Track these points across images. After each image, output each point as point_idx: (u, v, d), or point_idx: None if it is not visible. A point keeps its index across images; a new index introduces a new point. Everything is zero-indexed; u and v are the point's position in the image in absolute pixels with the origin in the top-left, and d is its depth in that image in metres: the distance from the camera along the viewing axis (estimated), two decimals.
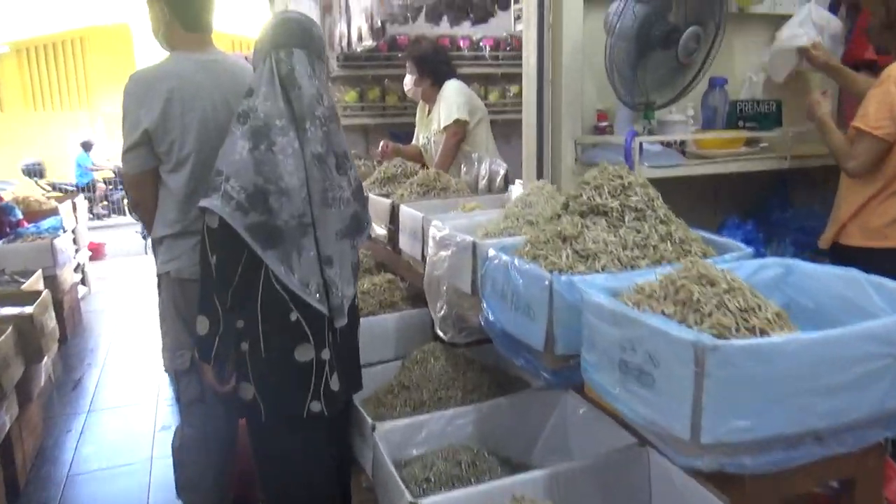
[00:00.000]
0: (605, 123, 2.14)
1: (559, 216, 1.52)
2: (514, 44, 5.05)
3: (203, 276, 1.56)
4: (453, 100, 3.23)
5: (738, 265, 1.34)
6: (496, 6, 3.69)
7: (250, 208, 1.49)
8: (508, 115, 5.00)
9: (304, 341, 1.57)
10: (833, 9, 2.33)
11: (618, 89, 1.86)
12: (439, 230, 1.85)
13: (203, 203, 1.49)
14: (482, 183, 2.65)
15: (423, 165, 3.22)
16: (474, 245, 1.67)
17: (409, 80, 3.43)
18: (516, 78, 5.17)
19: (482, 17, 3.95)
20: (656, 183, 1.50)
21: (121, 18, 12.73)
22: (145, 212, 1.92)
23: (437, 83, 3.35)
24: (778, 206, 2.22)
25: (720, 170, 1.99)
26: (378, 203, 2.58)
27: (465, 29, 4.90)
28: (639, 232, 1.42)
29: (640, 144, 1.84)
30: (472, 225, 1.95)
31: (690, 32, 1.80)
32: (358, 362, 1.80)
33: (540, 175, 2.09)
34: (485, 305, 1.58)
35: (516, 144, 4.48)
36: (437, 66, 3.37)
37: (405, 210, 2.32)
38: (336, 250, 1.61)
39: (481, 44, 4.97)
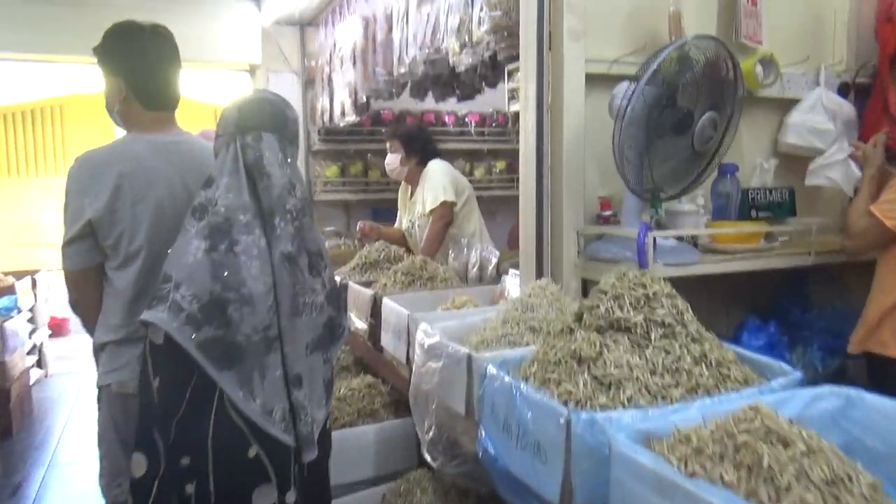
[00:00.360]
0: (608, 212, 1.95)
1: (571, 330, 1.29)
2: (500, 120, 4.98)
3: (143, 402, 1.29)
4: (438, 180, 3.05)
5: (790, 396, 1.12)
6: (483, 83, 3.58)
7: (204, 321, 1.24)
8: (494, 191, 4.87)
9: (264, 481, 1.30)
10: (842, 93, 2.21)
11: (627, 177, 1.68)
12: (428, 336, 1.61)
13: (145, 317, 1.24)
14: (472, 271, 2.44)
15: (407, 250, 3.00)
16: (469, 358, 1.43)
17: (393, 160, 3.25)
18: (502, 154, 5.09)
19: (468, 94, 3.83)
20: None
21: (102, 86, 12.77)
22: (87, 313, 1.66)
23: (423, 162, 3.20)
24: (798, 305, 2.02)
25: (741, 267, 1.79)
26: (359, 293, 2.35)
27: (451, 104, 4.82)
28: (668, 353, 1.20)
29: (654, 239, 1.64)
30: (464, 327, 1.71)
31: (707, 119, 1.64)
32: (329, 499, 1.51)
33: (540, 271, 1.87)
34: (483, 434, 1.33)
35: (502, 221, 4.35)
36: (424, 144, 3.23)
37: (388, 304, 2.08)
38: (306, 367, 1.36)
39: (467, 119, 4.89)
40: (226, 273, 1.27)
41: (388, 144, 3.31)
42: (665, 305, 1.24)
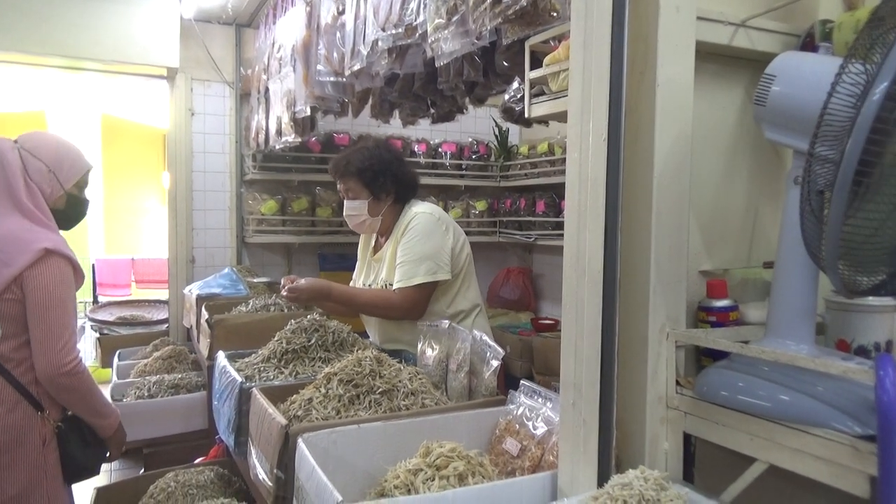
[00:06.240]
0: (724, 304, 1.05)
1: None
2: (481, 150, 4.11)
3: None
4: (423, 245, 2.02)
5: None
6: (468, 100, 2.71)
7: None
8: (472, 236, 3.94)
9: None
10: None
11: (816, 248, 0.78)
12: None
13: None
14: (458, 379, 1.49)
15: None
16: None
17: (356, 210, 2.15)
18: (482, 192, 4.21)
19: (447, 114, 2.96)
20: None
21: (36, 106, 11.64)
22: None
23: (400, 201, 2.21)
24: None
25: None
26: (264, 417, 1.38)
27: (421, 129, 3.94)
28: None
29: None
30: None
31: None
32: None
33: (605, 411, 0.94)
34: None
35: (481, 274, 3.18)
36: (396, 175, 2.16)
37: (307, 461, 1.12)
38: None
39: (441, 149, 4.01)
40: None
41: (340, 186, 2.22)
42: None
